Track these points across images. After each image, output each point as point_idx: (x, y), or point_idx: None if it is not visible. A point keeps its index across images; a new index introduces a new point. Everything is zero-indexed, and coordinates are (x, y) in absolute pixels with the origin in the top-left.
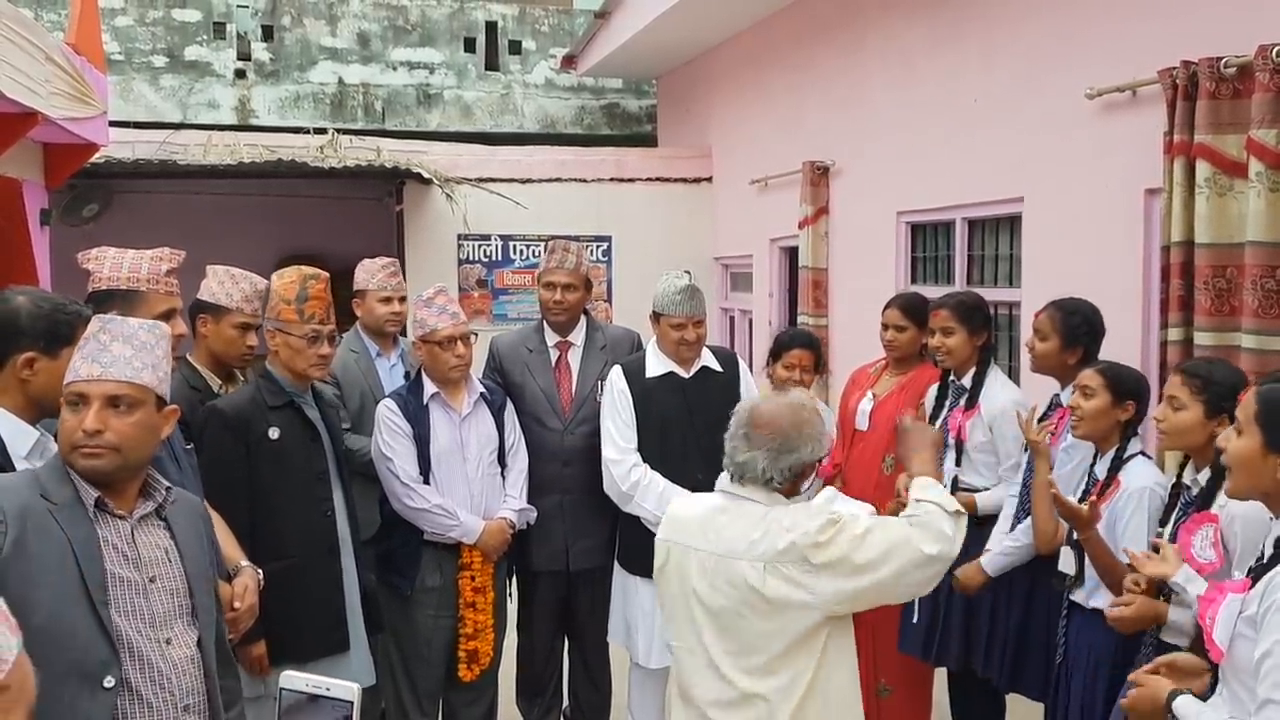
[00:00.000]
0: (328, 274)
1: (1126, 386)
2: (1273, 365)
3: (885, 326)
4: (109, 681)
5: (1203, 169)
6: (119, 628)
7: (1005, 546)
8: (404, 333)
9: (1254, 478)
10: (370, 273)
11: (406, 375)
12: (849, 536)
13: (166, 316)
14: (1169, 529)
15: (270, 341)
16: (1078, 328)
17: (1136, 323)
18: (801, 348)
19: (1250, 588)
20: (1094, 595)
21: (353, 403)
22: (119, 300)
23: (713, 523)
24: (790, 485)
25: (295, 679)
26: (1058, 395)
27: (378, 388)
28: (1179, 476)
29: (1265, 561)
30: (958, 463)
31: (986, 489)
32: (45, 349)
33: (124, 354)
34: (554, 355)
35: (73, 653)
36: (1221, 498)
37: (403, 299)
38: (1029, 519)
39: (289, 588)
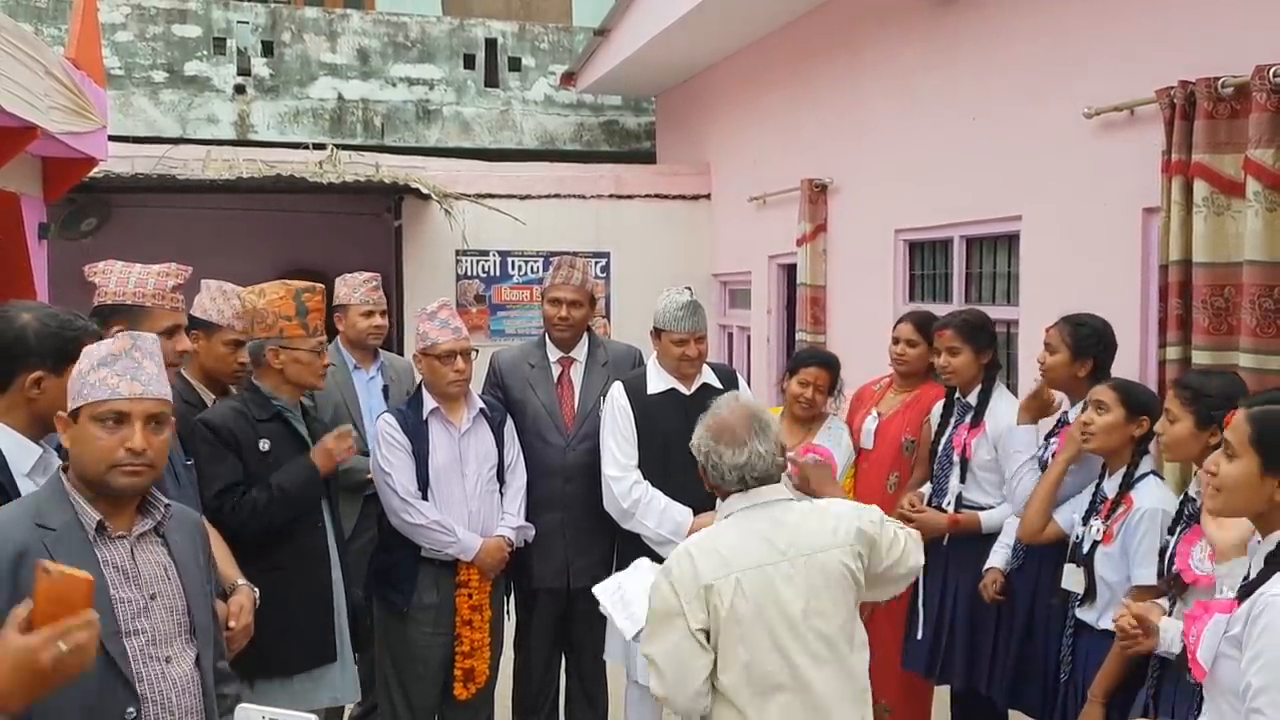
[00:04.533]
0: (321, 286)
1: (1140, 402)
2: (1271, 385)
3: (896, 340)
4: (130, 713)
5: (1200, 188)
6: (128, 653)
7: (1001, 542)
8: (386, 346)
9: (1250, 500)
10: (353, 287)
11: (385, 389)
12: (892, 528)
13: (171, 332)
14: (1173, 541)
15: (273, 360)
16: (1086, 339)
17: (1135, 342)
18: (818, 366)
19: (1236, 607)
20: (1104, 615)
21: (325, 414)
22: (124, 315)
23: (767, 535)
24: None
25: (251, 711)
26: (1066, 412)
27: (353, 401)
28: (1187, 490)
29: (1252, 580)
30: (962, 480)
31: (991, 506)
32: (53, 367)
33: (153, 371)
34: (556, 371)
35: (89, 696)
36: None
37: (384, 313)
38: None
39: (278, 599)
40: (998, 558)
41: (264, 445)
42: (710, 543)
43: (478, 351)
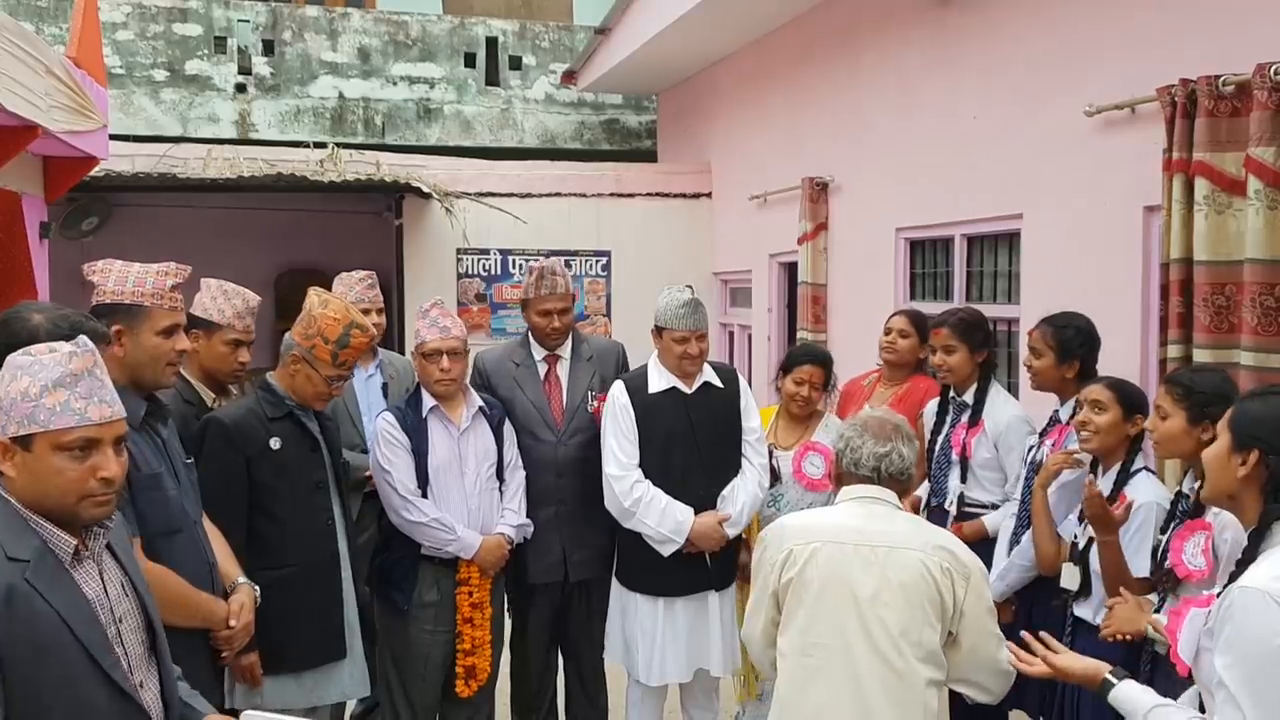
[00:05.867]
0: (373, 329)
1: (1135, 400)
2: (1271, 383)
3: (889, 331)
4: None
5: (1201, 186)
6: (131, 679)
7: (1001, 572)
8: (387, 345)
9: (1219, 479)
10: (348, 286)
11: (384, 387)
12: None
13: (170, 332)
14: (1165, 537)
15: (291, 364)
16: (1070, 340)
17: (1136, 340)
18: (812, 363)
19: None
20: (1101, 612)
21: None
22: (122, 315)
23: (858, 524)
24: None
25: (256, 717)
26: (1057, 411)
27: (351, 399)
28: (1180, 486)
29: (1235, 571)
30: (963, 479)
31: (993, 504)
32: None
33: (111, 386)
34: (543, 369)
35: None
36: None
37: (380, 310)
38: (1026, 537)
39: (290, 596)
40: (994, 592)
41: (275, 443)
42: (805, 517)
43: (468, 350)
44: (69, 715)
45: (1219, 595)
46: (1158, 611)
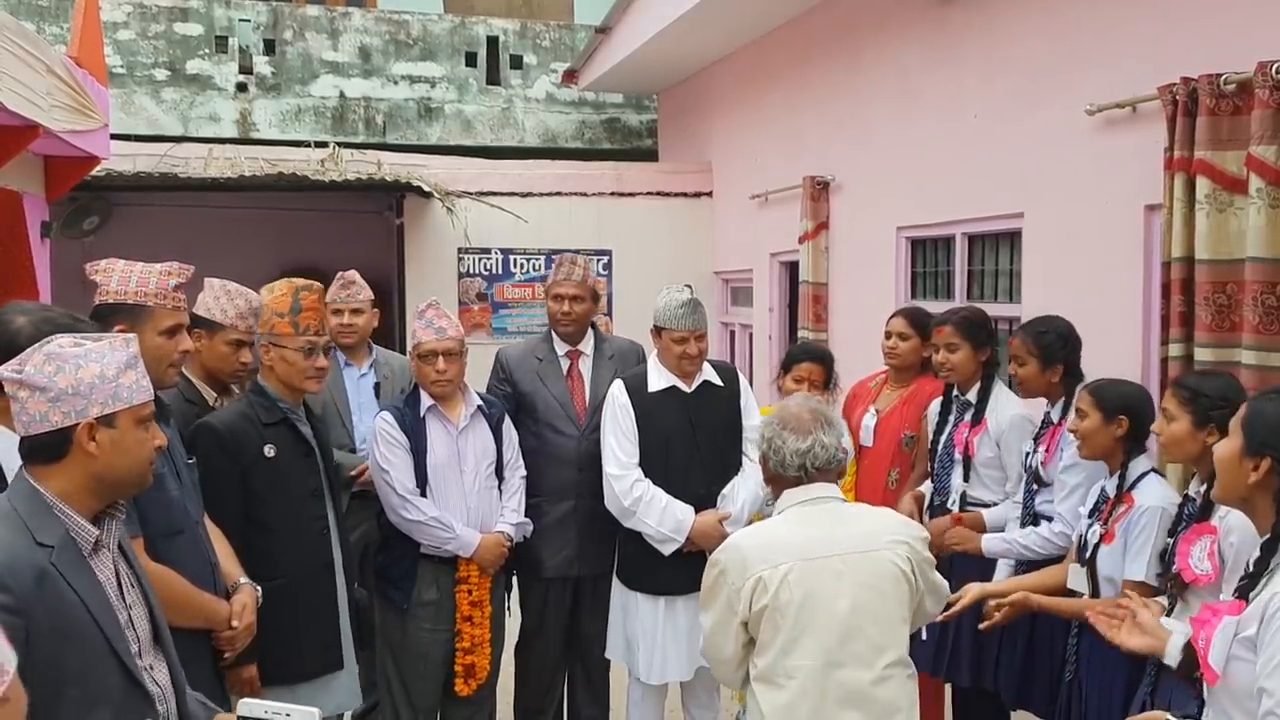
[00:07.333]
0: (320, 285)
1: (1114, 403)
2: (1273, 382)
3: (889, 334)
4: None
5: (1203, 185)
6: (141, 667)
7: (1011, 538)
8: (389, 345)
9: (1230, 481)
10: (333, 286)
11: (376, 386)
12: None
13: (173, 332)
14: (1173, 541)
15: (265, 357)
16: (1051, 345)
17: (1137, 339)
18: (811, 361)
19: (1244, 608)
20: None
21: (314, 410)
22: (125, 315)
23: (816, 533)
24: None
25: (254, 705)
26: (1048, 412)
27: (341, 398)
28: (1187, 490)
29: (1249, 576)
30: (965, 478)
31: (995, 503)
32: None
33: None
34: (565, 364)
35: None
36: (1221, 509)
37: (354, 310)
38: (1039, 531)
39: (284, 606)
40: (990, 543)
41: (269, 451)
42: (761, 536)
43: (465, 350)
44: (82, 697)
45: (1239, 597)
46: (1167, 616)
